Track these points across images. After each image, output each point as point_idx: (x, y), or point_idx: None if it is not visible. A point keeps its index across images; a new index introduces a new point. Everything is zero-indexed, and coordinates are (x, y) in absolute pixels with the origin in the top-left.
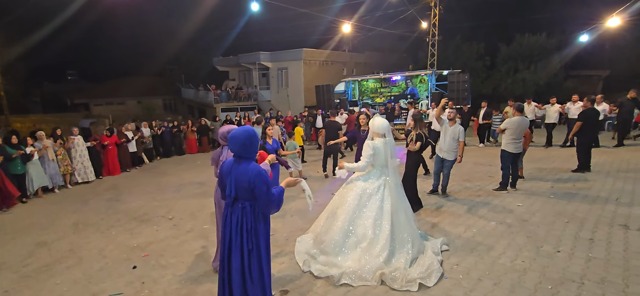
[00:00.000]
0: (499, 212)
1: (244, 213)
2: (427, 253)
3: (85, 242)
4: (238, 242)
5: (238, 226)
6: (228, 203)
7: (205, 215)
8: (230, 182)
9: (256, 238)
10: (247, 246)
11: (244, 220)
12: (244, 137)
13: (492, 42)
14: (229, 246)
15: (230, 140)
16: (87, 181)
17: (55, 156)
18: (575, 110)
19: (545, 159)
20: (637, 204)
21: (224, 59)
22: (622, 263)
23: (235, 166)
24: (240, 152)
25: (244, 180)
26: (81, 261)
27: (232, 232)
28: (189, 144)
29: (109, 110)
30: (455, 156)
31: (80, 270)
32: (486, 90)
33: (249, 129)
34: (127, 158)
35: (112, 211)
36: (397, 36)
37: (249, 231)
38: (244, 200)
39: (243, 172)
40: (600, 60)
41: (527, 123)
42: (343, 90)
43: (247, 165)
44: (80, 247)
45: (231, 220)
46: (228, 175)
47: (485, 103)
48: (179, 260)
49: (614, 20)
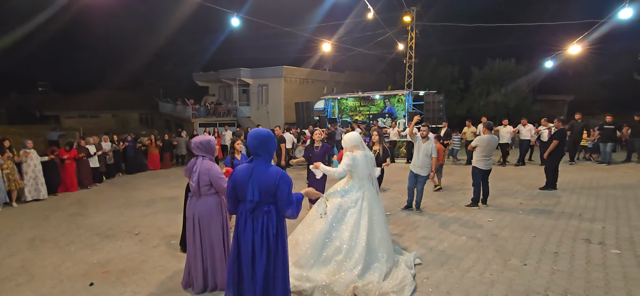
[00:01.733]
0: (470, 227)
1: (270, 217)
2: (401, 267)
3: (39, 259)
4: (264, 247)
5: (264, 231)
6: (248, 209)
7: (174, 231)
8: (253, 186)
9: (282, 241)
10: (273, 250)
11: (270, 224)
12: (265, 134)
13: (466, 66)
14: (252, 254)
15: (251, 138)
16: (38, 199)
17: (1, 170)
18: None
19: (515, 178)
20: (598, 220)
21: (203, 74)
22: (584, 275)
23: (256, 169)
24: (260, 150)
25: (268, 182)
26: (33, 278)
27: (255, 238)
28: (151, 159)
29: (80, 122)
30: (429, 171)
31: (30, 288)
32: (460, 112)
33: (268, 131)
34: (88, 174)
35: (74, 226)
36: (376, 57)
37: (275, 235)
38: (267, 204)
39: (267, 174)
40: (565, 86)
41: (496, 141)
42: (323, 107)
43: (269, 167)
44: (34, 264)
45: (254, 226)
46: (248, 179)
47: (445, 123)
48: (140, 277)
49: (575, 48)
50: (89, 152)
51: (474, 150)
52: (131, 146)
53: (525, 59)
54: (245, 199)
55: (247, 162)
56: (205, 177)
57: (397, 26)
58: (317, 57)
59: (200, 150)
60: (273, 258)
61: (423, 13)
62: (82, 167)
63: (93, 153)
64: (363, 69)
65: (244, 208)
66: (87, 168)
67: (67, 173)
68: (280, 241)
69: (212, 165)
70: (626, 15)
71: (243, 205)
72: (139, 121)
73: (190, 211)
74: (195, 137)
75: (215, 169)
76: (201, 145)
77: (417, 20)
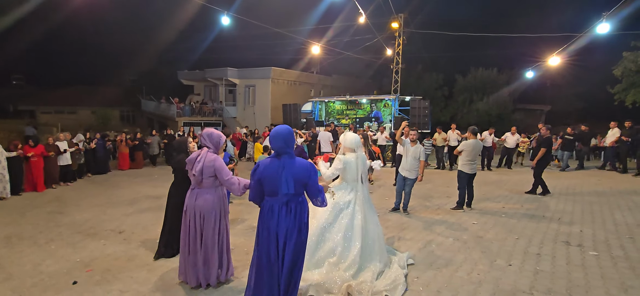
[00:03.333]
0: (456, 229)
1: (303, 208)
2: (393, 267)
3: (17, 257)
4: (295, 233)
5: (296, 221)
6: (281, 202)
7: (160, 229)
8: (287, 179)
9: (307, 230)
10: (304, 236)
11: (304, 213)
12: (286, 132)
13: (450, 74)
14: (284, 245)
15: (273, 138)
16: (1, 198)
17: None
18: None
19: (497, 182)
20: (577, 223)
21: (189, 73)
22: (565, 275)
23: (287, 164)
24: (283, 148)
25: (302, 175)
26: (10, 277)
27: (289, 226)
28: (121, 158)
29: (58, 118)
30: (417, 175)
31: (9, 287)
32: (444, 118)
33: (287, 126)
34: (55, 173)
35: (54, 224)
36: (364, 62)
37: (306, 224)
38: (300, 195)
39: (299, 167)
40: (543, 97)
41: (480, 146)
42: (310, 110)
43: (298, 160)
44: (11, 262)
45: (288, 216)
46: (280, 173)
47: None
48: (127, 275)
49: (554, 60)
50: (59, 149)
51: (460, 155)
52: (101, 144)
53: (507, 68)
54: (275, 192)
55: (272, 158)
56: (210, 168)
57: (386, 32)
58: (306, 60)
59: (207, 141)
60: (302, 244)
61: (410, 20)
62: (50, 165)
63: (63, 151)
64: (350, 73)
65: (275, 201)
66: (54, 167)
67: (33, 171)
68: (308, 231)
69: (218, 157)
70: (603, 30)
71: (272, 198)
72: (120, 118)
73: (190, 203)
74: (205, 129)
75: (220, 161)
76: (209, 137)
77: (404, 27)
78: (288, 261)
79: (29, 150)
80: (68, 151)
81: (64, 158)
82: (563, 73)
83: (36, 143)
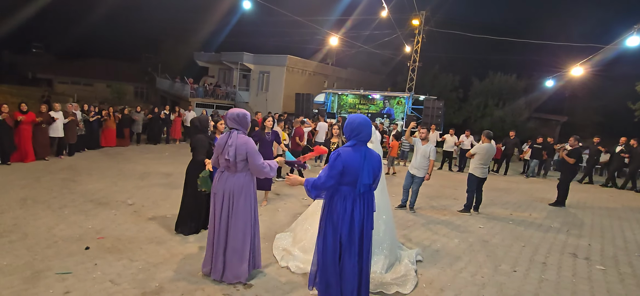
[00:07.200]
0: (462, 231)
1: (373, 198)
2: (403, 262)
3: (32, 219)
4: (370, 225)
5: (370, 210)
6: (361, 192)
7: (170, 206)
8: (368, 170)
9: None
10: (372, 227)
11: (373, 203)
12: (362, 120)
13: (467, 76)
14: (361, 234)
15: (350, 129)
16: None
17: None
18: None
19: (506, 190)
20: (585, 236)
21: (205, 54)
22: (570, 287)
23: (368, 154)
24: (361, 136)
25: (377, 166)
26: (26, 236)
27: (365, 217)
28: (107, 134)
29: (74, 89)
30: (425, 173)
31: (25, 246)
32: (457, 120)
33: (359, 115)
34: (46, 143)
35: (67, 191)
36: (380, 58)
37: (373, 212)
38: (373, 186)
39: (376, 158)
40: (560, 107)
41: (494, 151)
42: (323, 101)
43: (372, 151)
44: (27, 223)
45: (362, 207)
46: (363, 163)
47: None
48: (136, 246)
49: (578, 70)
50: (51, 118)
51: (472, 158)
52: (97, 119)
53: (526, 76)
54: (355, 183)
55: (350, 146)
56: (243, 151)
57: (406, 28)
58: (324, 51)
59: (235, 122)
60: (371, 234)
61: (431, 18)
62: (40, 134)
63: (56, 119)
64: (365, 67)
65: (352, 191)
66: (45, 137)
67: (22, 140)
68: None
69: (249, 139)
70: (634, 43)
71: (350, 188)
72: (133, 94)
73: (219, 187)
74: (231, 110)
75: (252, 143)
76: (237, 118)
77: (425, 25)
78: (366, 251)
79: (19, 115)
80: (56, 121)
81: (55, 128)
82: (584, 84)
83: (27, 109)
